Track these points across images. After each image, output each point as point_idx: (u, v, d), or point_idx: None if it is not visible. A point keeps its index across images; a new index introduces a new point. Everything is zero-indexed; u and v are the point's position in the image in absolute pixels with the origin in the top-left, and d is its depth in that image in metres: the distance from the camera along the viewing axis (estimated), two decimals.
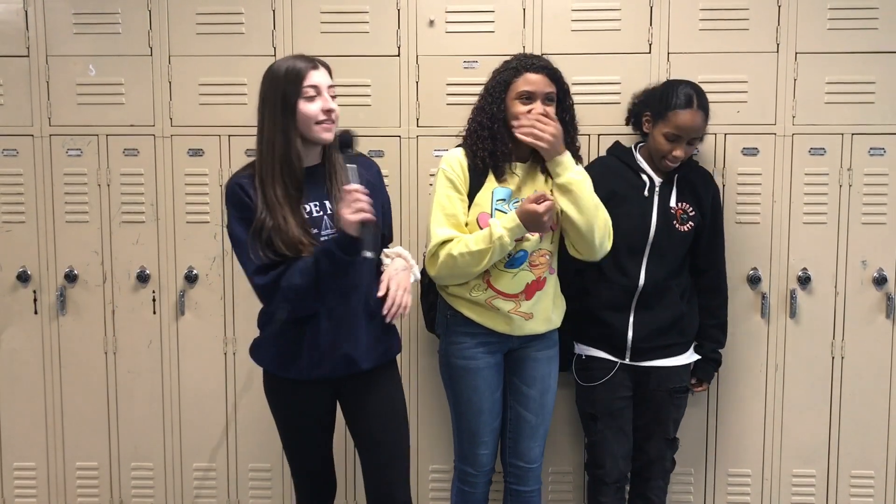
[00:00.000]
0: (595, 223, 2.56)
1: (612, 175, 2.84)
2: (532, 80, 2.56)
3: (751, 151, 3.10)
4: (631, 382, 2.88)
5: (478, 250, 2.50)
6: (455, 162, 2.62)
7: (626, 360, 2.84)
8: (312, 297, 2.28)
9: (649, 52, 3.08)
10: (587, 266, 2.76)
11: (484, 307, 2.64)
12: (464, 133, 2.70)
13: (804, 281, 3.11)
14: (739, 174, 3.10)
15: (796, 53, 3.06)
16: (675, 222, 2.83)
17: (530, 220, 2.47)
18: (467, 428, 2.72)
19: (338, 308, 2.37)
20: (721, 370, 3.15)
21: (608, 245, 2.64)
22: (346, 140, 2.30)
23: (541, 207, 2.44)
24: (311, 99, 2.30)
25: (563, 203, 2.55)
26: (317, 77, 2.31)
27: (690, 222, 2.85)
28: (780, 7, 3.04)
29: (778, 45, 3.06)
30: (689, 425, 3.17)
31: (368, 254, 2.20)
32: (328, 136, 2.34)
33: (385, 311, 2.40)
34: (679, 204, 2.85)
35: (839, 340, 3.15)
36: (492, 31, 3.10)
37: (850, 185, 3.09)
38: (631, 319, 2.82)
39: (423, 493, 3.26)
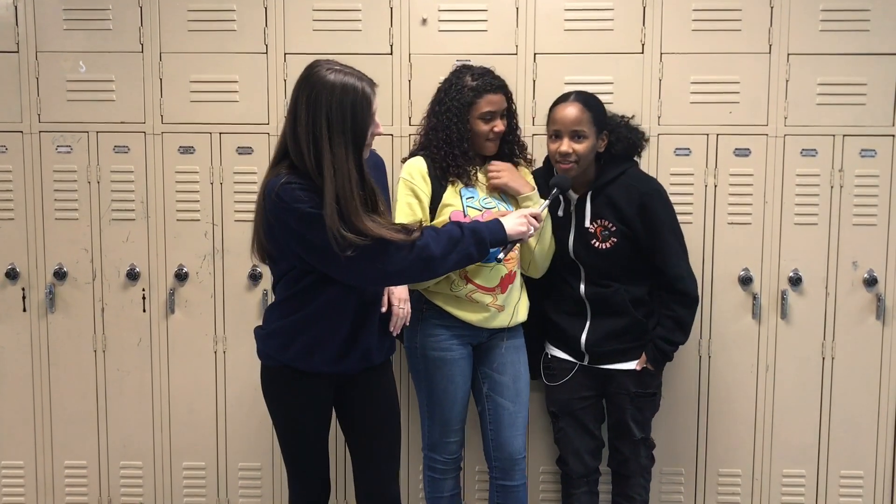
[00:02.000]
0: (546, 253, 2.81)
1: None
2: (493, 101, 2.71)
3: (742, 152, 3.10)
4: (596, 383, 2.90)
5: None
6: (414, 170, 2.73)
7: (585, 363, 2.87)
8: (436, 270, 2.30)
9: (642, 53, 3.07)
10: None
11: (464, 301, 2.71)
12: (421, 143, 2.79)
13: (795, 282, 3.12)
14: (731, 175, 3.10)
15: (788, 54, 3.06)
16: (594, 241, 2.77)
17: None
18: (440, 418, 2.79)
19: (360, 301, 2.37)
20: (712, 370, 3.17)
21: (544, 271, 2.87)
22: (564, 186, 2.66)
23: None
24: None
25: None
26: (375, 100, 2.27)
27: (613, 238, 2.76)
28: (772, 8, 3.04)
29: (770, 46, 3.06)
30: (680, 425, 3.18)
31: (501, 255, 2.46)
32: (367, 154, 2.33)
33: (392, 328, 2.49)
34: (595, 222, 2.77)
35: (830, 341, 3.15)
36: (484, 31, 3.09)
37: (841, 187, 3.10)
38: (586, 325, 2.84)
39: (413, 490, 3.26)
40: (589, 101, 2.72)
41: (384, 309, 2.47)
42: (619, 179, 2.77)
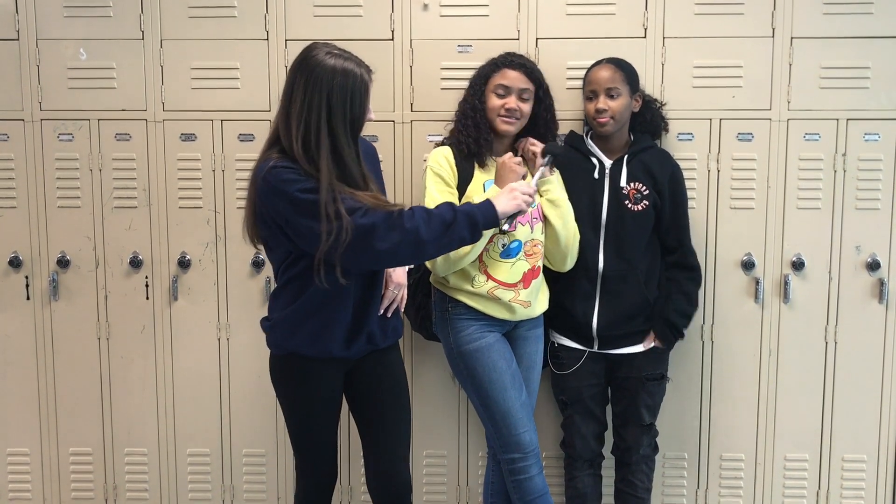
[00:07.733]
0: (571, 239, 2.78)
1: (564, 163, 2.85)
2: (508, 76, 2.72)
3: (745, 137, 3.09)
4: (602, 370, 2.92)
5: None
6: (441, 158, 2.74)
7: (595, 349, 2.88)
8: (426, 252, 2.27)
9: (645, 37, 3.06)
10: None
11: (486, 297, 2.70)
12: (450, 129, 2.83)
13: (798, 266, 3.12)
14: (734, 159, 3.09)
15: (792, 38, 3.05)
16: (627, 202, 2.84)
17: (502, 172, 2.63)
18: (498, 410, 2.68)
19: (361, 286, 2.37)
20: (714, 355, 3.17)
21: (572, 262, 2.83)
22: (556, 151, 2.66)
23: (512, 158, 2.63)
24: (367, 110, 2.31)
25: (552, 216, 2.75)
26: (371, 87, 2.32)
27: (645, 201, 2.85)
28: None
29: (773, 29, 3.05)
30: (682, 410, 3.19)
31: (506, 226, 2.39)
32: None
33: (382, 311, 2.47)
34: (630, 184, 2.85)
35: (832, 325, 3.15)
36: (486, 16, 3.08)
37: (844, 171, 3.09)
38: (596, 307, 2.85)
39: (417, 476, 3.27)
40: (621, 63, 2.87)
41: (384, 293, 2.48)
42: (652, 149, 2.93)
